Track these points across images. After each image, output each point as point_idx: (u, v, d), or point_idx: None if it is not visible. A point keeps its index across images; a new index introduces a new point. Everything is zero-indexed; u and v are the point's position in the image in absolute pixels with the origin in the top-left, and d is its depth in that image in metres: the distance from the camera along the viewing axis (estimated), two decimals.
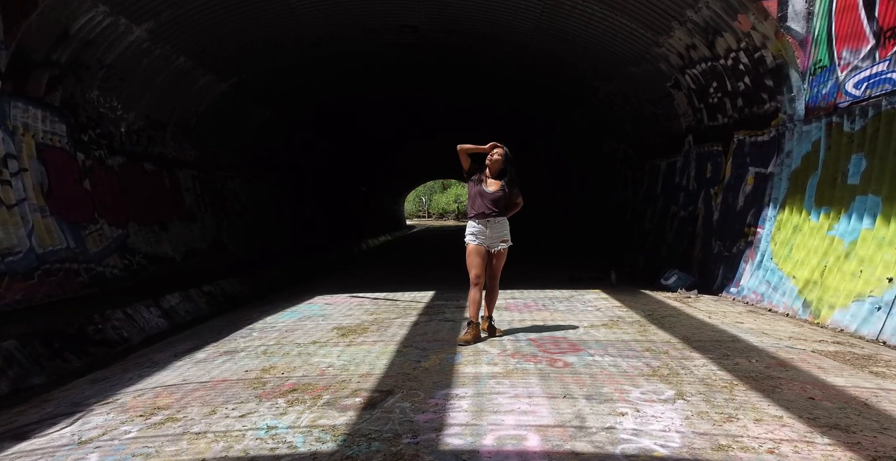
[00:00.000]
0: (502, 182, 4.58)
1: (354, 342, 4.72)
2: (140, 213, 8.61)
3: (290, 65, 10.90)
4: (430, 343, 4.62)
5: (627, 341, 4.49)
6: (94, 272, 7.05)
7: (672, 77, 8.62)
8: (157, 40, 7.78)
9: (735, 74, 7.06)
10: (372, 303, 6.95)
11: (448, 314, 5.98)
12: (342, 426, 2.82)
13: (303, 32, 9.55)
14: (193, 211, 10.51)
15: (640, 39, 8.33)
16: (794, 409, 2.82)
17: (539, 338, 4.72)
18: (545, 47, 10.22)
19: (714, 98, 7.83)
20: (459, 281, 9.01)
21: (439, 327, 5.28)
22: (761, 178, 6.73)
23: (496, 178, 4.60)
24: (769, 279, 6.09)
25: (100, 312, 5.66)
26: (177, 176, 10.07)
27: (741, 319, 5.34)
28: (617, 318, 5.50)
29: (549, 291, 7.54)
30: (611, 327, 5.07)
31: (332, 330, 5.26)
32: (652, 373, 3.56)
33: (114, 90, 7.85)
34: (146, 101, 8.67)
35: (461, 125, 18.75)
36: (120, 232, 7.90)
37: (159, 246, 8.98)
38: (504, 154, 4.58)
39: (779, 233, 6.17)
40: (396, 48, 10.99)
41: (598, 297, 6.97)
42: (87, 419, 3.04)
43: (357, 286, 8.81)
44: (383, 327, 5.33)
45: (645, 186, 11.16)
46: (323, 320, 5.80)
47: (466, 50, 11.05)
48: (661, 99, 9.47)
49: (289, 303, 7.24)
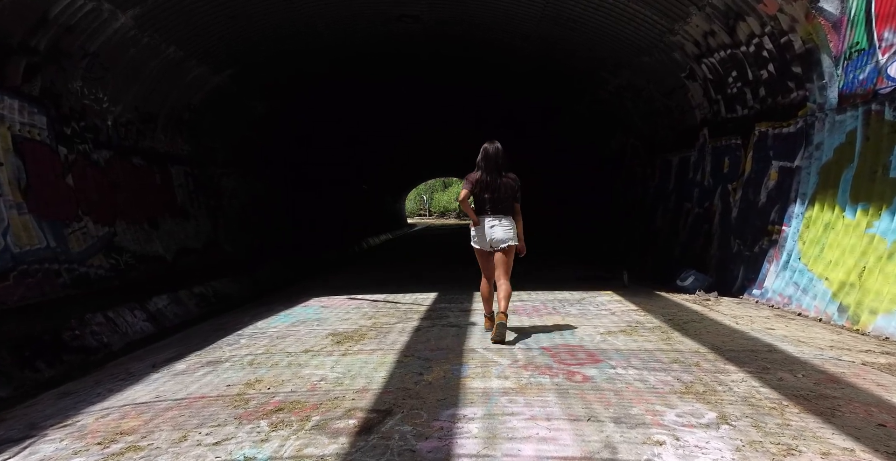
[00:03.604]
0: (499, 181, 4.53)
1: (350, 351, 4.31)
2: (128, 210, 8.20)
3: (286, 57, 10.48)
4: (434, 352, 4.22)
5: (651, 350, 4.07)
6: (77, 273, 6.64)
7: (687, 67, 8.18)
8: (144, 28, 7.36)
9: (757, 62, 6.62)
10: (371, 305, 6.55)
11: (452, 318, 5.57)
12: (332, 457, 2.41)
13: (299, 22, 9.13)
14: (186, 208, 10.10)
15: (653, 27, 7.89)
16: (865, 440, 2.40)
17: (553, 346, 4.31)
18: (551, 36, 9.77)
19: (733, 88, 7.39)
20: (462, 282, 8.62)
21: (443, 333, 4.87)
22: (786, 172, 6.30)
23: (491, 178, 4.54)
24: (797, 281, 5.66)
25: (79, 316, 5.26)
26: (168, 171, 9.65)
27: (771, 325, 4.92)
28: (635, 324, 5.08)
29: (558, 293, 7.12)
30: (630, 334, 4.65)
31: (327, 336, 4.85)
32: (685, 390, 3.14)
33: (99, 80, 7.43)
34: (135, 92, 8.26)
35: (462, 121, 18.34)
36: (106, 230, 7.49)
37: (149, 245, 8.58)
38: (497, 150, 4.56)
39: (807, 231, 5.74)
40: (396, 39, 10.56)
41: (612, 300, 6.56)
42: (35, 448, 2.63)
43: (356, 287, 8.40)
44: (382, 333, 4.92)
45: (656, 182, 10.72)
46: (318, 325, 5.39)
47: (469, 40, 10.61)
48: (675, 90, 9.03)
49: (283, 305, 6.84)
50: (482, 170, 4.54)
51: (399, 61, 11.98)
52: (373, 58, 11.50)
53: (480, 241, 4.60)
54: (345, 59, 11.30)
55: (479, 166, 4.57)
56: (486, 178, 4.51)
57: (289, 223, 15.31)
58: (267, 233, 13.34)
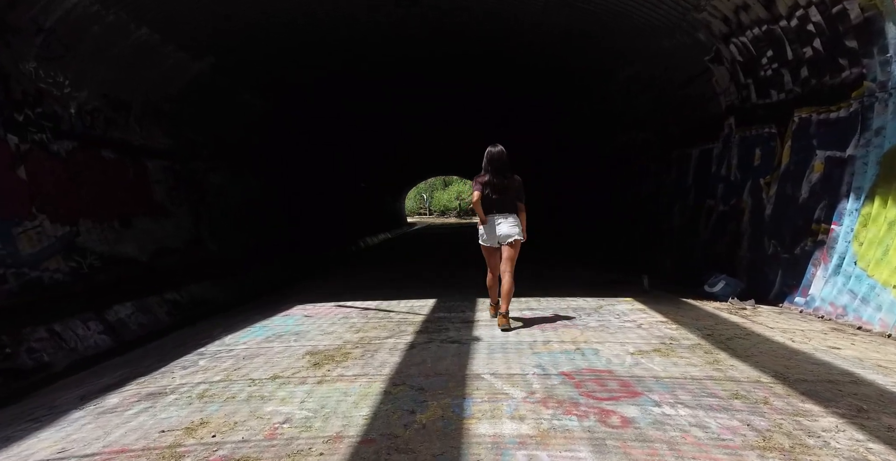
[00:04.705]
0: (504, 182, 4.85)
1: (329, 376, 3.53)
2: (95, 207, 7.41)
3: (277, 47, 9.67)
4: (430, 378, 3.44)
5: (700, 379, 3.29)
6: (28, 278, 5.86)
7: (712, 48, 7.38)
8: (107, 4, 6.57)
9: (800, 38, 5.82)
10: (360, 314, 5.77)
11: (452, 332, 4.79)
12: None
13: (288, 10, 8.32)
14: (165, 205, 9.31)
15: (675, 4, 7.10)
16: None
17: (575, 371, 3.53)
18: (560, 21, 8.97)
19: (767, 70, 6.59)
20: (463, 285, 7.84)
21: (441, 352, 4.09)
22: (835, 162, 5.51)
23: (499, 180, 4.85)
24: (854, 288, 4.88)
25: (13, 331, 4.48)
26: (144, 165, 8.86)
27: (832, 342, 4.14)
28: (669, 340, 4.30)
29: (571, 300, 6.34)
30: (667, 355, 3.88)
31: (304, 356, 4.08)
32: (764, 444, 2.37)
33: (58, 61, 6.64)
34: (102, 77, 7.46)
35: (463, 117, 17.54)
36: (66, 229, 6.70)
37: (120, 245, 7.79)
38: (501, 153, 4.86)
39: (865, 230, 4.96)
40: (396, 26, 9.75)
41: (633, 308, 5.78)
42: None
43: (348, 291, 7.63)
44: (370, 352, 4.15)
45: (672, 177, 9.93)
46: (295, 340, 4.61)
47: (474, 28, 9.80)
48: (697, 76, 8.24)
49: (262, 314, 6.07)
50: (489, 172, 4.87)
51: (398, 53, 11.16)
52: (369, 49, 10.68)
53: (490, 239, 4.93)
54: (339, 50, 10.49)
55: (486, 169, 4.89)
56: (494, 179, 4.85)
57: (286, 221, 14.57)
58: (259, 232, 12.58)
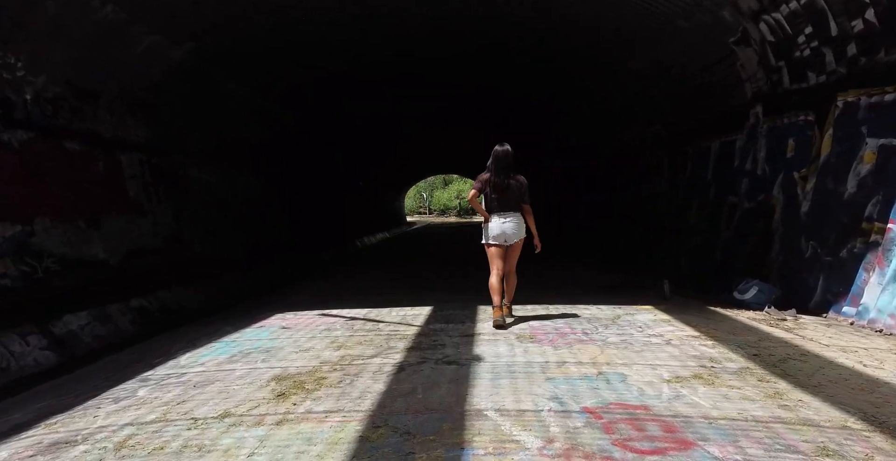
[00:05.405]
0: (508, 182, 4.79)
1: (293, 413, 2.82)
2: (57, 204, 6.69)
3: (267, 36, 8.94)
4: (420, 416, 2.73)
5: (765, 422, 2.57)
6: None
7: (738, 28, 6.65)
8: None
9: (847, 10, 5.10)
10: (346, 325, 5.05)
11: (449, 348, 4.07)
12: None
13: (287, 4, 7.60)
14: (141, 202, 8.58)
15: None
16: None
17: (602, 406, 2.82)
18: (567, 7, 8.25)
19: (805, 49, 5.87)
20: (462, 290, 7.09)
21: (436, 377, 3.38)
22: (891, 151, 4.79)
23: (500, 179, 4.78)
24: None
25: None
26: (117, 159, 8.13)
27: None
28: (710, 362, 3.58)
29: (583, 308, 5.62)
30: (711, 383, 3.15)
31: (269, 382, 3.36)
32: None
33: (8, 42, 5.94)
34: (63, 60, 6.74)
35: (463, 117, 16.80)
36: (18, 229, 5.98)
37: (86, 246, 7.07)
38: (507, 152, 4.78)
39: None
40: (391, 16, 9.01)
41: (657, 319, 5.06)
42: None
43: (337, 296, 6.91)
44: (349, 377, 3.43)
45: (688, 173, 9.20)
46: (264, 361, 3.89)
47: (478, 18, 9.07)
48: (718, 62, 7.50)
49: (235, 325, 5.35)
50: (492, 171, 4.79)
51: (397, 46, 10.42)
52: (365, 37, 9.94)
53: (496, 238, 4.84)
54: (333, 43, 9.76)
55: (490, 168, 4.82)
56: (496, 179, 4.77)
57: (286, 221, 13.88)
58: (263, 232, 11.90)
